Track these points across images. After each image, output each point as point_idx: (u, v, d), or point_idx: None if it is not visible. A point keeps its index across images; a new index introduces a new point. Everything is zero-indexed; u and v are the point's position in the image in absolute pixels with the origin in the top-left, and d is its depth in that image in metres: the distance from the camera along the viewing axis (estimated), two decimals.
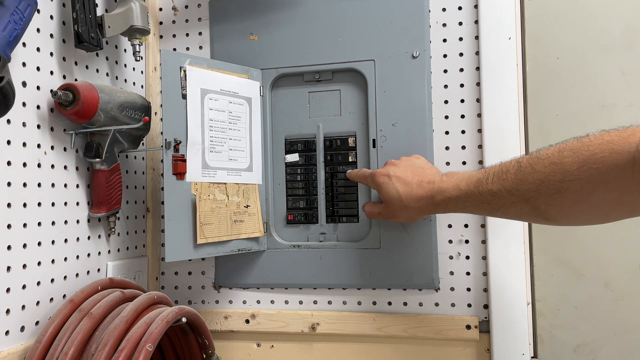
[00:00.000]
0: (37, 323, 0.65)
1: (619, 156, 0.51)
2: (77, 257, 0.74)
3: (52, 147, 0.69)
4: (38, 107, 0.67)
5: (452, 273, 0.85)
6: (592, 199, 0.54)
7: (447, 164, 0.86)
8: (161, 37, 0.97)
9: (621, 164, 0.50)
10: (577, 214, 0.57)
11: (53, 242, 0.69)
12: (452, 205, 0.70)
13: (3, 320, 0.60)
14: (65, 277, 0.71)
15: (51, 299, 0.68)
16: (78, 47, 0.73)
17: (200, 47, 0.95)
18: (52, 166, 0.69)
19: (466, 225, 0.85)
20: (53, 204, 0.69)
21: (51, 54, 0.70)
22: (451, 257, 0.85)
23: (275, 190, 0.92)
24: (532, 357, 0.83)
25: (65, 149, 0.72)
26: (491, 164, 0.70)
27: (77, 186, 0.74)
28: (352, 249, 0.87)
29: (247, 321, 0.91)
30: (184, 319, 0.68)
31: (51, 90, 0.67)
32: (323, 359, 0.89)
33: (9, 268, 0.61)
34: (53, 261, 0.69)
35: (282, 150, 0.91)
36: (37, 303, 0.66)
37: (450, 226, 0.85)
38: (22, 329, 0.63)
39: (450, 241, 0.85)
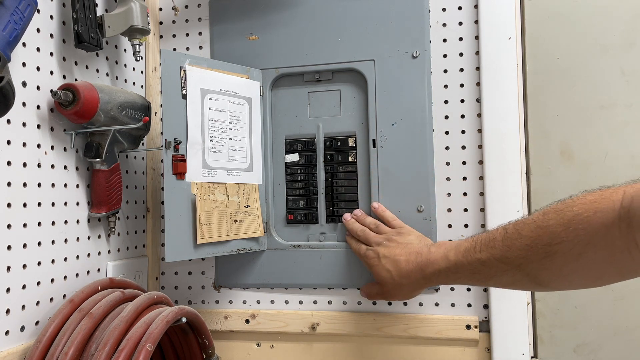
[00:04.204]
0: (37, 323, 0.65)
1: (603, 215, 0.50)
2: (77, 257, 0.74)
3: (52, 147, 0.69)
4: (38, 107, 0.67)
5: None
6: (582, 261, 0.53)
7: (447, 164, 0.86)
8: (161, 37, 0.97)
9: (607, 222, 0.50)
10: (570, 277, 0.57)
11: (53, 242, 0.69)
12: (443, 277, 0.68)
13: (3, 320, 0.60)
14: (65, 277, 0.71)
15: (51, 299, 0.68)
16: (78, 47, 0.73)
17: (200, 47, 0.95)
18: (52, 166, 0.69)
19: (466, 225, 0.85)
20: (53, 204, 0.69)
21: (51, 54, 0.70)
22: None
23: (275, 190, 0.92)
24: (532, 357, 0.83)
25: (65, 149, 0.72)
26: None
27: (77, 186, 0.74)
28: (352, 249, 0.87)
29: (247, 321, 0.91)
30: (184, 319, 0.68)
31: (51, 90, 0.67)
32: (323, 359, 0.89)
33: (9, 268, 0.61)
34: (53, 261, 0.69)
35: (282, 150, 0.91)
36: (37, 303, 0.66)
37: (450, 226, 0.85)
38: (22, 329, 0.63)
39: (451, 241, 0.85)
